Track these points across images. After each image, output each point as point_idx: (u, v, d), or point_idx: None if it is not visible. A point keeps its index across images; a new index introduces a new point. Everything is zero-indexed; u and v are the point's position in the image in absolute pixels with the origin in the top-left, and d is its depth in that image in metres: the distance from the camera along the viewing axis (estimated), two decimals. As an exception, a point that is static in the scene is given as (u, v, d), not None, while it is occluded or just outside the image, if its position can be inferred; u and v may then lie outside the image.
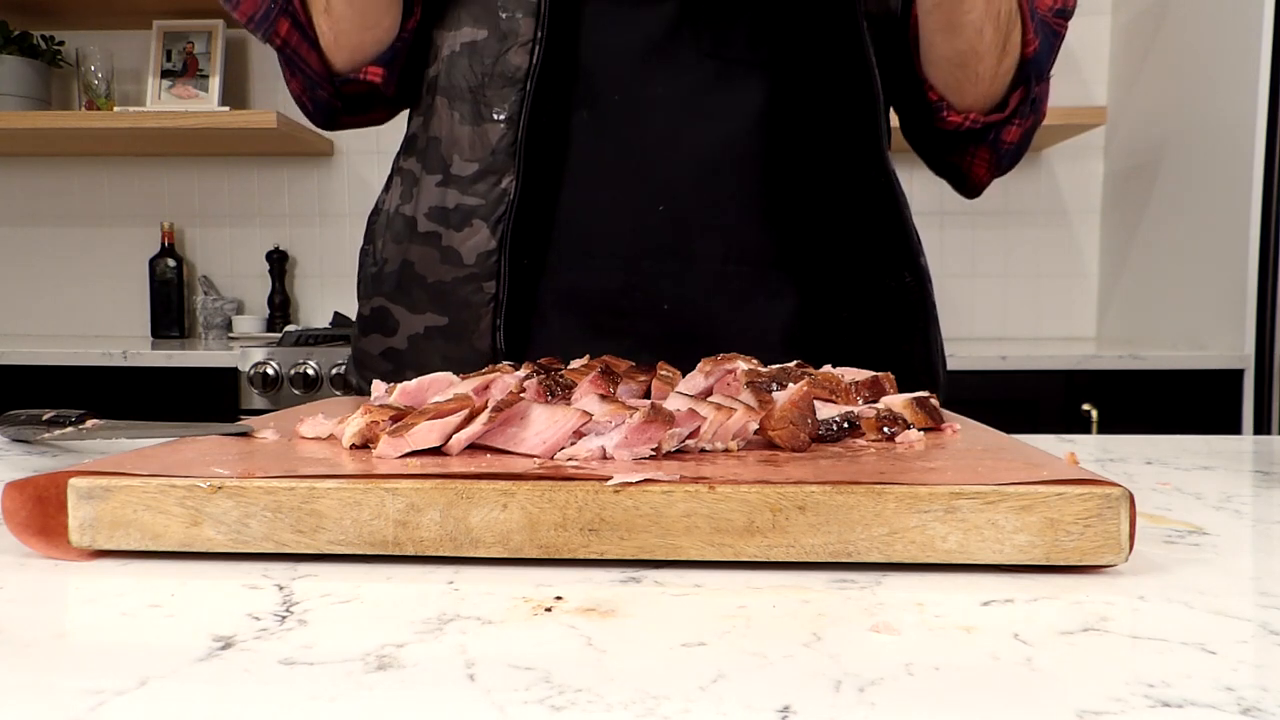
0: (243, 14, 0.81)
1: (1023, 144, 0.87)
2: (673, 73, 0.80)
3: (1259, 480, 0.60)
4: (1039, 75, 0.83)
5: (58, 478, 0.41)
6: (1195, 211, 2.06)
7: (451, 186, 0.81)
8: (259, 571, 0.39)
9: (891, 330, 0.84)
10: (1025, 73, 0.82)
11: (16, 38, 2.37)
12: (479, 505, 0.39)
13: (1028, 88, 0.83)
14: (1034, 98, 0.84)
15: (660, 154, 0.81)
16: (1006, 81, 0.83)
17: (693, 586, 0.37)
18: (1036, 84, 0.83)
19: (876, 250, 0.84)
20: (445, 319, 0.82)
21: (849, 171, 0.82)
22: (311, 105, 0.89)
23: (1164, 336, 2.17)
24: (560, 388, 0.53)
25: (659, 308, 0.81)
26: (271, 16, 0.81)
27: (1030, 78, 0.82)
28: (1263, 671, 0.29)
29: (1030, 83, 0.82)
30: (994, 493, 0.38)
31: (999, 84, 0.82)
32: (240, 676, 0.29)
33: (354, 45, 0.84)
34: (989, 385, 1.90)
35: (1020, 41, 0.81)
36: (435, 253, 0.82)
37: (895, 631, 0.32)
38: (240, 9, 0.81)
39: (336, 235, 2.59)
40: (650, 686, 0.28)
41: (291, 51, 0.84)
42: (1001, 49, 0.79)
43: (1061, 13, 0.84)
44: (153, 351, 1.99)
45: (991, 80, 0.82)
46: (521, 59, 0.78)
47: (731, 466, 0.43)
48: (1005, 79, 0.82)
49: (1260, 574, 0.40)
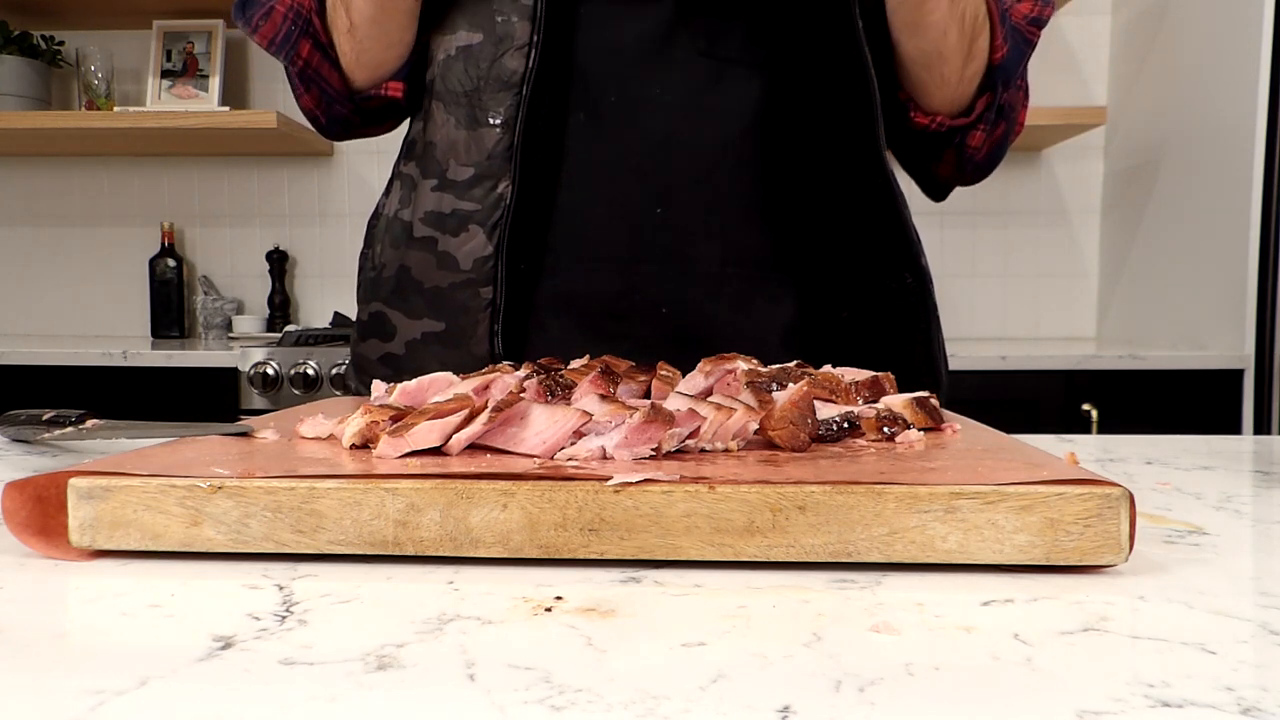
0: (263, 37, 0.82)
1: (994, 154, 0.87)
2: (669, 73, 0.80)
3: (1259, 480, 0.60)
4: (1006, 82, 0.83)
5: (58, 478, 0.41)
6: (1195, 211, 2.06)
7: (448, 191, 0.81)
8: (259, 571, 0.39)
9: (894, 331, 0.84)
10: (993, 78, 0.82)
11: (16, 38, 2.37)
12: (479, 505, 0.39)
13: (994, 94, 0.83)
14: (1002, 104, 0.84)
15: (658, 155, 0.80)
16: (973, 86, 0.83)
17: (693, 586, 0.37)
18: (1004, 90, 0.83)
19: (876, 251, 0.83)
20: (442, 324, 0.82)
21: (846, 172, 0.82)
22: (325, 120, 0.90)
23: (1164, 336, 2.17)
24: (560, 388, 0.53)
25: (657, 311, 0.81)
26: (293, 39, 0.82)
27: (998, 84, 0.82)
28: (1263, 671, 0.29)
29: (997, 89, 0.82)
30: (994, 493, 0.38)
31: (965, 88, 0.83)
32: (240, 676, 0.29)
33: (376, 63, 0.84)
34: (989, 385, 1.90)
35: (988, 47, 0.81)
36: (432, 258, 0.82)
37: (895, 631, 0.32)
38: (260, 33, 0.81)
39: (336, 235, 2.59)
40: (650, 686, 0.28)
41: (313, 72, 0.84)
42: (967, 53, 0.79)
43: (1036, 21, 0.84)
44: (153, 351, 1.99)
45: (958, 84, 0.82)
46: (517, 63, 0.78)
47: (731, 466, 0.43)
48: (972, 84, 0.82)
49: (1260, 574, 0.40)
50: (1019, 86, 0.85)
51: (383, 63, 0.84)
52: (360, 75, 0.85)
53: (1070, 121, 2.23)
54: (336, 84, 0.86)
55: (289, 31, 0.81)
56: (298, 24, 0.81)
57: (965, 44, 0.79)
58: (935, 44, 0.79)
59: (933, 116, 0.85)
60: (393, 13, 0.80)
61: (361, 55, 0.83)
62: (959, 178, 0.91)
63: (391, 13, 0.80)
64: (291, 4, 0.81)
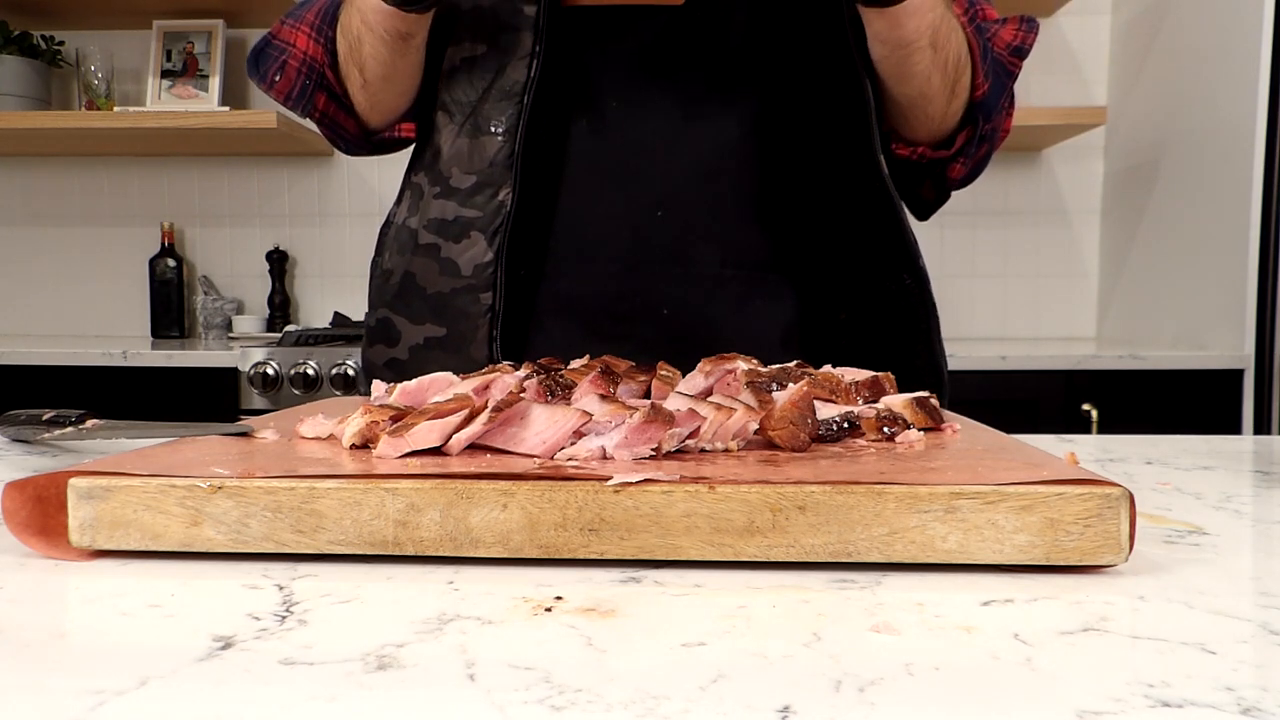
0: (279, 92, 0.84)
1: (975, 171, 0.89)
2: (669, 80, 0.81)
3: (1259, 480, 0.60)
4: (987, 116, 0.85)
5: (58, 478, 0.41)
6: (1195, 211, 2.06)
7: (450, 199, 0.82)
8: (259, 571, 0.39)
9: (895, 333, 0.85)
10: (974, 114, 0.84)
11: (16, 38, 2.37)
12: (479, 505, 0.39)
13: (975, 127, 0.85)
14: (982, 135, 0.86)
15: (658, 159, 0.81)
16: (956, 120, 0.85)
17: (693, 586, 0.37)
18: (984, 124, 0.85)
19: (874, 253, 0.84)
20: (444, 330, 0.82)
21: (842, 174, 0.82)
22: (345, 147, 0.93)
23: (1164, 336, 2.17)
24: (560, 388, 0.53)
25: (658, 312, 0.81)
26: (309, 93, 0.84)
27: (979, 118, 0.84)
28: (1263, 671, 0.29)
29: (978, 123, 0.84)
30: (994, 493, 0.38)
31: (948, 123, 0.84)
32: (240, 676, 0.29)
33: (389, 110, 0.87)
34: (989, 385, 1.90)
35: (970, 85, 0.83)
36: (435, 264, 0.82)
37: (895, 631, 0.32)
38: (276, 88, 0.84)
39: (336, 235, 2.59)
40: (650, 686, 0.28)
41: (330, 121, 0.88)
42: (951, 92, 0.81)
43: (1018, 51, 0.86)
44: (153, 351, 1.99)
45: (941, 119, 0.84)
46: (520, 73, 0.79)
47: (731, 466, 0.43)
48: (954, 118, 0.84)
49: (1260, 574, 0.40)
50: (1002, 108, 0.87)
51: (396, 109, 0.88)
52: (375, 119, 0.88)
53: (1070, 121, 2.23)
54: (353, 129, 0.89)
55: (304, 86, 0.84)
56: (312, 78, 0.84)
57: (948, 86, 0.81)
58: (920, 89, 0.80)
59: (914, 148, 0.87)
60: (404, 69, 0.83)
61: (376, 106, 0.86)
62: (941, 201, 0.93)
63: (403, 70, 0.83)
64: (304, 59, 0.83)
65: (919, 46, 0.76)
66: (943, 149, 0.86)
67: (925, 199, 0.93)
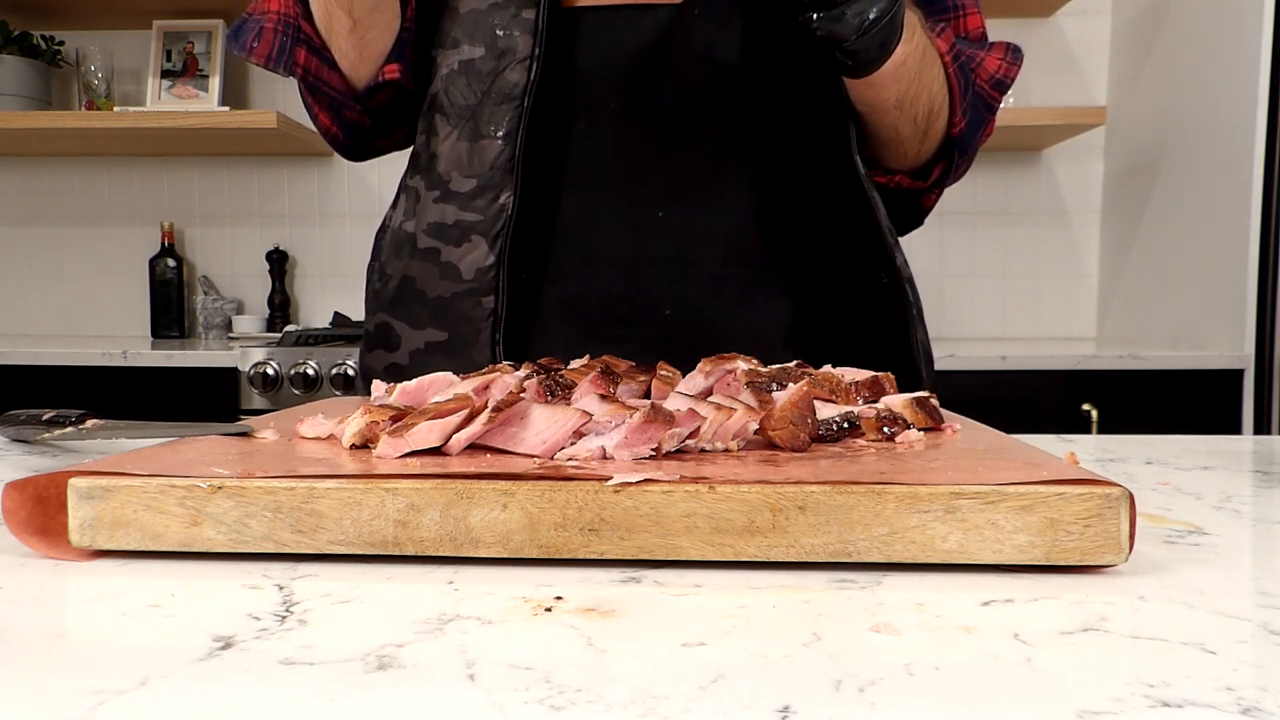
0: (260, 56, 0.82)
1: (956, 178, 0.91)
2: (668, 79, 0.81)
3: (1259, 480, 0.60)
4: (963, 151, 0.86)
5: (58, 478, 0.41)
6: (1195, 211, 2.06)
7: (450, 203, 0.82)
8: (259, 571, 0.39)
9: (872, 331, 0.85)
10: (949, 150, 0.86)
11: (16, 38, 2.37)
12: (479, 505, 0.39)
13: (950, 162, 0.86)
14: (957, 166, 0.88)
15: (658, 159, 0.81)
16: (930, 155, 0.87)
17: (693, 586, 0.37)
18: (960, 159, 0.87)
19: (852, 253, 0.84)
20: (445, 334, 0.82)
21: (823, 175, 0.83)
22: (342, 132, 0.90)
23: (1164, 336, 2.17)
24: (560, 388, 0.53)
25: (660, 313, 0.81)
26: (288, 49, 0.82)
27: (954, 153, 0.86)
28: (1263, 671, 0.29)
29: (954, 157, 0.86)
30: (994, 493, 0.38)
31: (921, 158, 0.87)
32: (240, 676, 0.29)
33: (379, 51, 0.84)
34: (989, 385, 1.90)
35: (945, 126, 0.84)
36: (435, 268, 0.82)
37: (895, 631, 0.32)
38: (256, 53, 0.82)
39: (336, 235, 2.59)
40: (650, 686, 0.28)
41: (313, 78, 0.85)
42: (921, 138, 0.84)
43: (999, 85, 0.87)
44: (153, 351, 1.99)
45: (915, 157, 0.86)
46: (519, 76, 0.79)
47: (731, 466, 0.43)
48: (928, 155, 0.87)
49: (1260, 574, 0.40)
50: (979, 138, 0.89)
51: (384, 47, 0.84)
52: (364, 70, 0.85)
53: (1070, 121, 2.23)
54: (339, 84, 0.86)
55: (283, 43, 0.82)
56: (289, 33, 0.82)
57: (918, 134, 0.83)
58: (888, 136, 0.83)
59: (890, 176, 0.88)
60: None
61: (366, 48, 0.83)
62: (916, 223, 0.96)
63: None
64: (279, 16, 0.82)
65: (885, 109, 0.80)
66: (919, 179, 0.89)
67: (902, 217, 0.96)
